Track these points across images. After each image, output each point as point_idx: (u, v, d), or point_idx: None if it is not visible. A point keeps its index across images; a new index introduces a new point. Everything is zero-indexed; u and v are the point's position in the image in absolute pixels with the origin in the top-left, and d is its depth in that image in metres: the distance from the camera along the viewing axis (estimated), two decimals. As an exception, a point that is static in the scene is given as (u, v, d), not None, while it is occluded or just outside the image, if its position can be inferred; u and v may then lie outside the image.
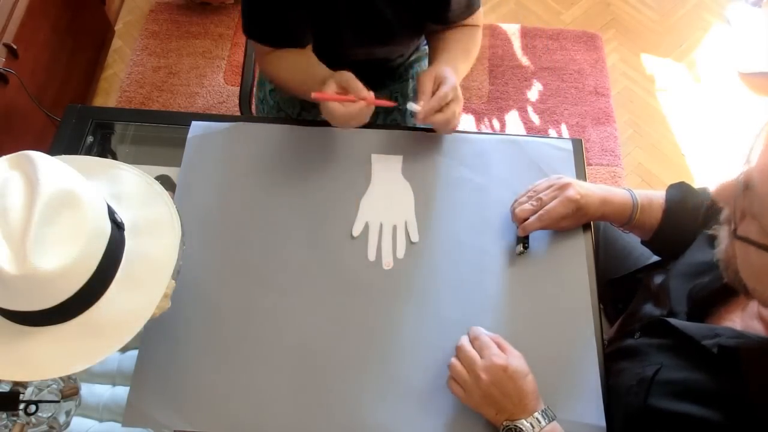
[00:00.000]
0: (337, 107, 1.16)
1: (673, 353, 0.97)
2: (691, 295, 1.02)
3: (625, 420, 1.00)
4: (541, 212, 1.15)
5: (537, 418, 0.96)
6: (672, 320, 0.98)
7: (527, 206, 1.17)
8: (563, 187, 1.16)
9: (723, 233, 0.84)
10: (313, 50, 1.37)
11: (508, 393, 0.97)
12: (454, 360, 1.03)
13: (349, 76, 1.18)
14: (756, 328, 0.92)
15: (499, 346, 1.01)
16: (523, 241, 1.18)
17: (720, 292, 0.95)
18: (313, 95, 1.16)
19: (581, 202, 1.14)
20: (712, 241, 0.89)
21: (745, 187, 0.75)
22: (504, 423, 0.97)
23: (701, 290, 1.01)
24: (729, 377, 0.87)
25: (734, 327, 0.94)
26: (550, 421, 0.97)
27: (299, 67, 1.33)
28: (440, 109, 1.19)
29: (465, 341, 1.03)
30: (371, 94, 1.17)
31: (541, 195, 1.17)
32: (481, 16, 1.44)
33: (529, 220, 1.15)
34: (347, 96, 1.17)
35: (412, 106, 1.21)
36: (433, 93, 1.20)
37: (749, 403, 0.83)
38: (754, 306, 0.94)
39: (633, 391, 0.98)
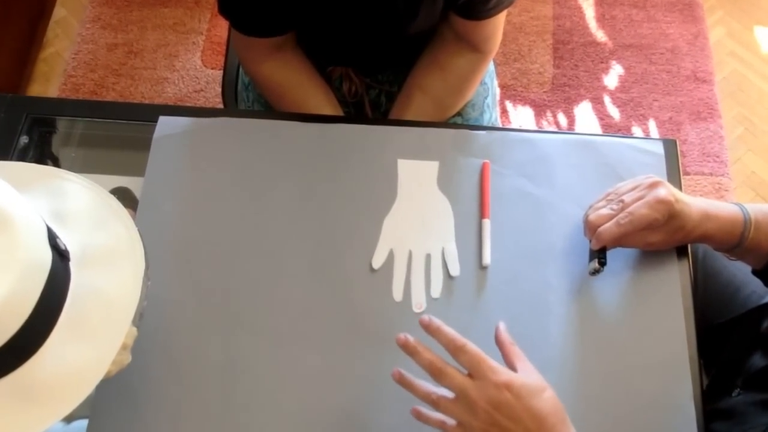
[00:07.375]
0: None
1: None
2: None
3: None
4: (621, 215, 1.12)
5: None
6: None
7: (604, 211, 1.15)
8: (652, 185, 1.14)
9: None
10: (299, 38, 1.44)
11: (520, 418, 0.92)
12: (437, 394, 0.97)
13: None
14: None
15: (507, 355, 0.98)
16: (599, 255, 1.16)
17: None
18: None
19: (676, 207, 1.11)
20: None
21: None
22: None
23: None
24: None
25: None
26: None
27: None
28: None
29: (443, 363, 0.97)
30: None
31: (623, 197, 1.15)
32: (499, 36, 1.46)
33: (604, 226, 1.13)
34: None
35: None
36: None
37: None
38: None
39: None
